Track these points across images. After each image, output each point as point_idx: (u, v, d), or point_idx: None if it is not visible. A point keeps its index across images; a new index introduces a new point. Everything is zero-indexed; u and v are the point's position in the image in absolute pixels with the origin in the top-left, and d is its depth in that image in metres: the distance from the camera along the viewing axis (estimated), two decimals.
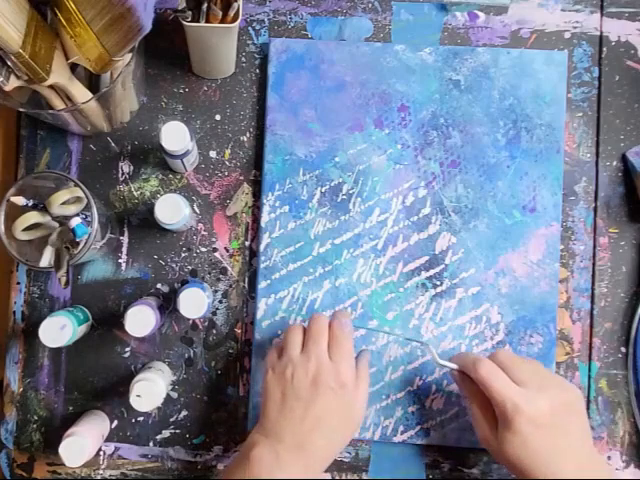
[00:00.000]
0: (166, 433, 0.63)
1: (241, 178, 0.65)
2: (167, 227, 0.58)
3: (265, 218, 0.63)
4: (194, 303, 0.56)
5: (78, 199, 0.56)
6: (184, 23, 0.54)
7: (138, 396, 0.56)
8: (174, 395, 0.63)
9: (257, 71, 0.65)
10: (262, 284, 0.62)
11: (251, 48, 0.65)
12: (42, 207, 0.55)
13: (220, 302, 0.64)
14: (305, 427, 0.51)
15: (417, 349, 0.62)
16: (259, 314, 0.62)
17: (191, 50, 0.61)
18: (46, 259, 0.55)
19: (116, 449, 0.63)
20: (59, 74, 0.53)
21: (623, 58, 0.65)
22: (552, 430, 0.50)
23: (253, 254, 0.64)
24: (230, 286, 0.64)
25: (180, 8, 0.54)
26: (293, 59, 0.64)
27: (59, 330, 0.55)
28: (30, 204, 0.54)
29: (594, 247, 0.64)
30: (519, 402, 0.50)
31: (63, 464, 0.55)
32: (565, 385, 0.53)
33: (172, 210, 0.56)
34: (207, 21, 0.55)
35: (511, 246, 0.62)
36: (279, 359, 0.55)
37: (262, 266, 0.62)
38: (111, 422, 0.63)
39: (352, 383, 0.54)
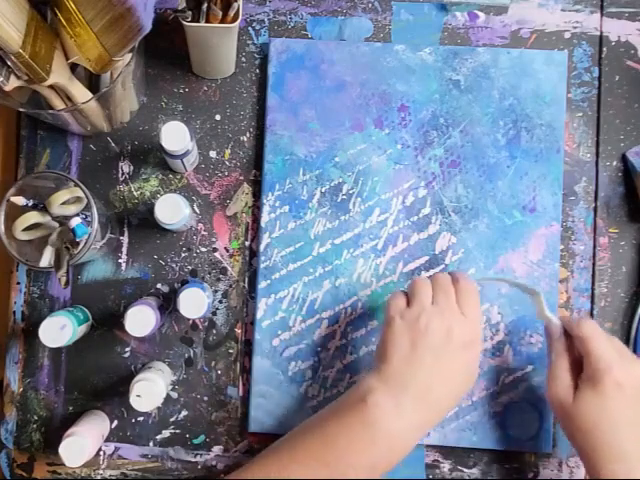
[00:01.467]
0: (166, 433, 0.63)
1: (241, 178, 0.65)
2: (167, 227, 0.58)
3: (265, 218, 0.63)
4: (194, 303, 0.56)
5: (78, 199, 0.56)
6: (184, 23, 0.54)
7: (138, 396, 0.56)
8: (174, 395, 0.63)
9: (257, 71, 0.65)
10: (262, 284, 0.62)
11: (251, 48, 0.65)
12: (42, 207, 0.55)
13: (220, 302, 0.64)
14: (433, 379, 0.51)
15: None
16: (259, 314, 0.62)
17: (191, 50, 0.61)
18: (46, 259, 0.55)
19: (116, 449, 0.63)
20: (59, 74, 0.53)
21: (623, 58, 0.65)
22: (630, 402, 0.50)
23: (253, 254, 0.64)
24: (230, 286, 0.64)
25: (180, 8, 0.54)
26: (293, 59, 0.64)
27: (59, 330, 0.55)
28: (30, 204, 0.54)
29: (594, 247, 0.64)
30: (613, 364, 0.51)
31: (63, 464, 0.55)
32: None
33: (172, 210, 0.56)
34: (207, 21, 0.55)
35: (511, 246, 0.62)
36: (408, 307, 0.54)
37: (262, 266, 0.62)
38: (111, 422, 0.63)
39: (480, 341, 0.54)
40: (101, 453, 0.63)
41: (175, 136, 0.55)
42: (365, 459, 0.49)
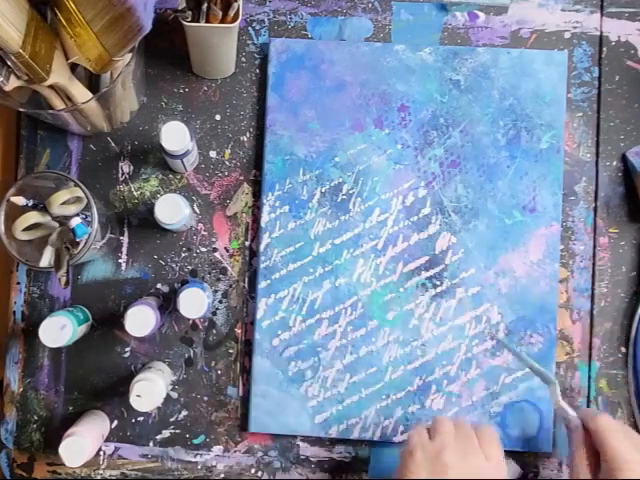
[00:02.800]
0: (166, 433, 0.63)
1: (241, 178, 0.65)
2: (167, 227, 0.58)
3: (265, 218, 0.63)
4: (194, 303, 0.56)
5: (78, 199, 0.56)
6: (184, 23, 0.54)
7: (138, 396, 0.56)
8: (174, 395, 0.63)
9: (257, 71, 0.65)
10: (262, 284, 0.62)
11: (251, 48, 0.65)
12: (42, 207, 0.55)
13: (220, 302, 0.64)
14: None
15: (417, 349, 0.62)
16: (259, 314, 0.62)
17: (191, 50, 0.61)
18: (46, 259, 0.55)
19: (116, 449, 0.63)
20: (59, 74, 0.53)
21: (623, 58, 0.65)
22: None
23: (253, 254, 0.64)
24: (230, 286, 0.64)
25: (180, 8, 0.54)
26: (293, 59, 0.64)
27: (59, 330, 0.55)
28: (30, 204, 0.54)
29: (594, 247, 0.64)
30: (630, 462, 0.50)
31: (63, 464, 0.55)
32: None
33: (172, 210, 0.56)
34: (207, 21, 0.55)
35: (511, 246, 0.62)
36: (430, 442, 0.53)
37: (262, 266, 0.62)
38: (111, 422, 0.63)
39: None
40: (101, 453, 0.63)
41: (175, 136, 0.55)
42: None
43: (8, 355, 0.64)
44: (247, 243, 0.64)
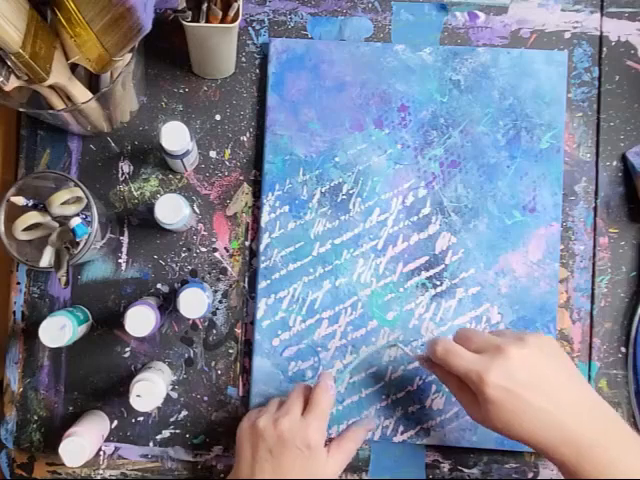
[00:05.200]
0: (166, 433, 0.63)
1: (241, 178, 0.65)
2: (167, 227, 0.58)
3: (265, 218, 0.63)
4: (194, 303, 0.56)
5: (78, 199, 0.56)
6: (184, 23, 0.54)
7: (138, 396, 0.56)
8: (174, 395, 0.63)
9: (257, 71, 0.65)
10: (262, 284, 0.62)
11: (251, 48, 0.65)
12: (42, 207, 0.55)
13: (220, 302, 0.64)
14: None
15: (417, 349, 0.62)
16: (259, 314, 0.62)
17: (191, 50, 0.61)
18: (46, 259, 0.55)
19: (116, 449, 0.63)
20: (59, 74, 0.53)
21: (623, 58, 0.65)
22: (527, 387, 0.47)
23: (253, 254, 0.64)
24: (230, 286, 0.64)
25: (180, 8, 0.54)
26: (293, 59, 0.64)
27: (59, 330, 0.55)
28: (30, 204, 0.54)
29: (594, 247, 0.64)
30: (481, 371, 0.48)
31: (63, 464, 0.55)
32: (527, 338, 0.49)
33: (172, 210, 0.56)
34: (207, 21, 0.55)
35: (511, 246, 0.62)
36: (256, 413, 0.55)
37: (262, 266, 0.62)
38: (111, 422, 0.63)
39: (319, 446, 0.53)
40: (101, 453, 0.63)
41: (175, 136, 0.55)
42: None
43: (8, 355, 0.64)
44: (247, 243, 0.64)
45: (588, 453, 0.46)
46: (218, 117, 0.65)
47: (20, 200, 0.53)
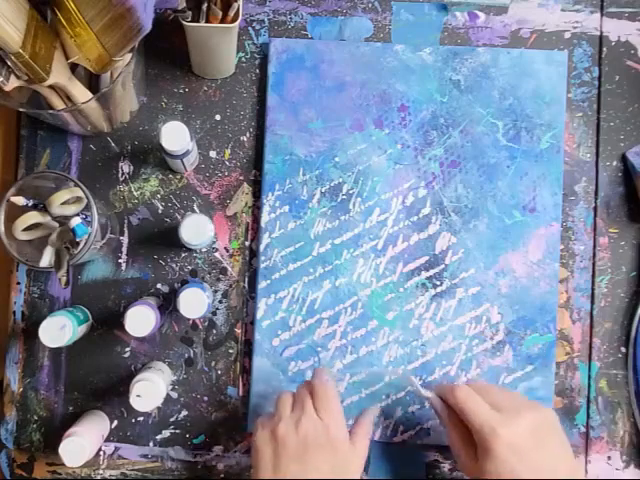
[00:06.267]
0: (166, 433, 0.63)
1: (241, 178, 0.65)
2: (191, 247, 0.59)
3: (265, 218, 0.63)
4: (194, 303, 0.56)
5: (78, 199, 0.56)
6: (184, 23, 0.54)
7: (138, 396, 0.56)
8: (174, 395, 0.63)
9: (257, 71, 0.65)
10: (262, 284, 0.62)
11: (251, 48, 0.65)
12: (42, 207, 0.55)
13: (220, 302, 0.64)
14: None
15: (417, 349, 0.62)
16: (259, 314, 0.62)
17: (191, 50, 0.61)
18: (46, 259, 0.55)
19: (116, 449, 0.63)
20: (59, 74, 0.53)
21: (623, 58, 0.65)
22: (532, 452, 0.49)
23: (253, 254, 0.64)
24: (230, 286, 0.64)
25: (180, 8, 0.54)
26: (293, 59, 0.64)
27: (59, 330, 0.55)
28: (30, 204, 0.54)
29: (594, 247, 0.64)
30: (496, 426, 0.49)
31: (63, 464, 0.55)
32: (539, 407, 0.52)
33: (197, 231, 0.57)
34: (207, 21, 0.55)
35: (511, 246, 0.62)
36: (270, 419, 0.54)
37: (262, 266, 0.62)
38: (111, 422, 0.63)
39: (344, 440, 0.52)
40: (101, 453, 0.63)
41: (175, 136, 0.55)
42: None
43: (8, 355, 0.64)
44: (247, 243, 0.64)
45: None
46: (218, 117, 0.65)
47: (20, 200, 0.53)
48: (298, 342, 0.62)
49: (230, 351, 0.63)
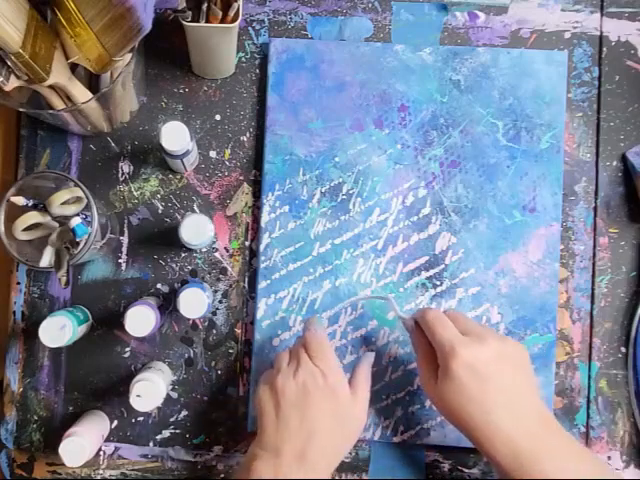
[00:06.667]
0: (166, 433, 0.63)
1: (241, 178, 0.65)
2: (191, 247, 0.59)
3: (265, 218, 0.63)
4: (194, 303, 0.56)
5: (78, 199, 0.56)
6: (184, 23, 0.54)
7: (138, 396, 0.56)
8: (174, 395, 0.63)
9: (257, 71, 0.65)
10: (262, 284, 0.62)
11: (251, 48, 0.65)
12: (42, 207, 0.55)
13: (220, 302, 0.64)
14: (302, 436, 0.51)
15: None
16: (259, 314, 0.62)
17: (191, 50, 0.61)
18: (46, 259, 0.55)
19: (116, 449, 0.63)
20: (59, 74, 0.53)
21: (623, 58, 0.65)
22: (490, 380, 0.49)
23: (253, 254, 0.64)
24: (230, 286, 0.64)
25: (180, 8, 0.54)
26: (293, 59, 0.64)
27: (59, 330, 0.55)
28: (30, 204, 0.54)
29: (594, 247, 0.64)
30: (457, 346, 0.49)
31: (63, 464, 0.55)
32: (509, 340, 0.52)
33: (197, 231, 0.57)
34: (207, 21, 0.55)
35: (511, 246, 0.62)
36: (269, 375, 0.55)
37: (262, 266, 0.62)
38: (111, 422, 0.63)
39: (342, 386, 0.53)
40: (101, 453, 0.63)
41: (175, 136, 0.55)
42: None
43: (8, 355, 0.64)
44: (247, 243, 0.64)
45: (525, 461, 0.47)
46: (218, 117, 0.65)
47: (20, 200, 0.53)
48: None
49: (230, 351, 0.63)
